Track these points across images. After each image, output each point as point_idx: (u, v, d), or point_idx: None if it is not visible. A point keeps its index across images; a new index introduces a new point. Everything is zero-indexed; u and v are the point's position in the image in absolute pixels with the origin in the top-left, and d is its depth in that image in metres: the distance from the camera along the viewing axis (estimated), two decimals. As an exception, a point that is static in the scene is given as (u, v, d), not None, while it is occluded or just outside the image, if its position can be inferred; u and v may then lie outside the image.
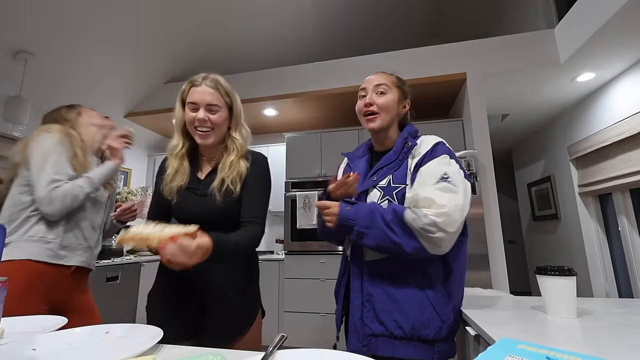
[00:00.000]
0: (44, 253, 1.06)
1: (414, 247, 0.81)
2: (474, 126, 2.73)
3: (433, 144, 0.93)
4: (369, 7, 4.00)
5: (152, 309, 1.04)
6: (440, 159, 0.89)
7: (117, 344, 0.63)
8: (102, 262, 2.58)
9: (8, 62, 2.46)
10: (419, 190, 0.85)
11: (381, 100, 0.99)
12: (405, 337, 0.85)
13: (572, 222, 3.49)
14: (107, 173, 1.22)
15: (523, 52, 2.70)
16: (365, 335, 0.90)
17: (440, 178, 0.84)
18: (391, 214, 0.84)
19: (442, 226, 0.78)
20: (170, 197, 1.01)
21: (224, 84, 1.03)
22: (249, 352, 0.55)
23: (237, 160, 1.02)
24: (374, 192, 0.96)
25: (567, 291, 0.78)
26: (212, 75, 1.03)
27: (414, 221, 0.80)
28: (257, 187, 1.03)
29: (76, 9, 2.35)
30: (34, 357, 0.55)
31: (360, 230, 0.86)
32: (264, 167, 1.08)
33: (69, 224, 1.14)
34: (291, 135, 3.34)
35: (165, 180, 1.02)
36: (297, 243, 2.96)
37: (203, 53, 3.42)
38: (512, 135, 4.35)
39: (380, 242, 0.84)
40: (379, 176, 0.97)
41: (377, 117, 0.99)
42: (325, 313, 2.74)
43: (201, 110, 0.98)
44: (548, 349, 0.38)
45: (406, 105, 1.04)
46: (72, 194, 1.09)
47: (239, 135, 1.05)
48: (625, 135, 2.61)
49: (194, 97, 0.99)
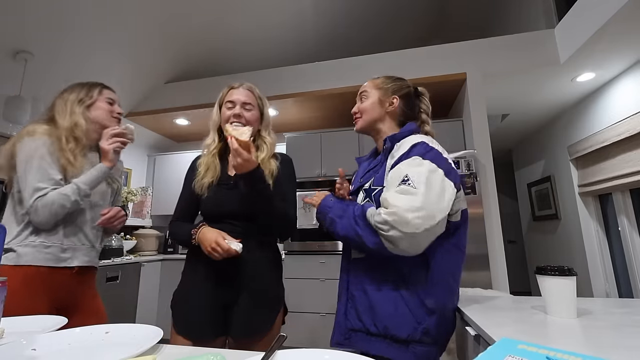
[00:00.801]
0: (45, 257, 1.04)
1: (374, 241, 0.84)
2: (474, 126, 2.73)
3: (411, 145, 0.91)
4: (368, 7, 4.00)
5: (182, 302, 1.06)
6: (410, 161, 0.88)
7: (117, 344, 0.62)
8: (102, 262, 2.58)
9: (8, 62, 2.46)
10: (384, 192, 0.89)
11: (362, 105, 1.08)
12: (379, 335, 0.88)
13: (572, 222, 3.49)
14: (96, 178, 1.12)
15: (523, 52, 2.70)
16: (346, 329, 0.95)
17: (401, 180, 0.84)
18: (360, 210, 0.90)
19: (394, 224, 0.79)
20: (201, 192, 1.09)
21: (257, 89, 1.19)
22: (249, 352, 0.55)
23: (267, 159, 1.11)
24: (360, 194, 1.01)
25: (567, 291, 0.78)
26: (248, 82, 1.19)
27: (371, 217, 0.85)
28: (288, 185, 1.14)
29: (76, 9, 2.35)
30: (34, 357, 0.55)
31: (333, 217, 0.94)
32: (292, 167, 1.20)
33: (69, 226, 1.10)
34: (291, 135, 3.34)
35: (198, 177, 1.10)
36: (297, 243, 2.96)
37: (203, 53, 3.42)
38: (512, 135, 4.35)
39: (347, 232, 0.90)
40: (365, 179, 1.02)
41: (357, 120, 1.09)
42: (325, 313, 2.74)
43: (237, 106, 1.11)
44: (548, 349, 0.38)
45: (393, 101, 1.05)
46: (58, 203, 1.03)
47: (269, 135, 1.17)
48: (625, 135, 2.61)
49: (232, 97, 1.12)
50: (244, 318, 1.00)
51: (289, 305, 1.18)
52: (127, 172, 3.85)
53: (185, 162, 4.47)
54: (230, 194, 1.06)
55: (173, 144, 4.33)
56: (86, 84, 1.23)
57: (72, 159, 1.10)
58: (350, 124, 1.31)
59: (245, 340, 1.01)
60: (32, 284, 1.00)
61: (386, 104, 1.05)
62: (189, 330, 1.00)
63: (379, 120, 1.06)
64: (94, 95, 1.21)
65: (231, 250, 0.95)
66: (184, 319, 1.03)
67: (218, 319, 1.02)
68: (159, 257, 3.27)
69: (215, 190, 1.08)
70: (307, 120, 3.68)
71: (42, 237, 1.05)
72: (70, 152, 1.10)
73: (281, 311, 1.10)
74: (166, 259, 3.30)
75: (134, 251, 3.35)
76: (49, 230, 1.06)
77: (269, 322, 1.04)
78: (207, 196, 1.07)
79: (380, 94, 1.06)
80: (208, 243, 0.96)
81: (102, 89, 1.24)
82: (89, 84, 1.23)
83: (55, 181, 1.05)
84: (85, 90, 1.21)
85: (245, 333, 1.00)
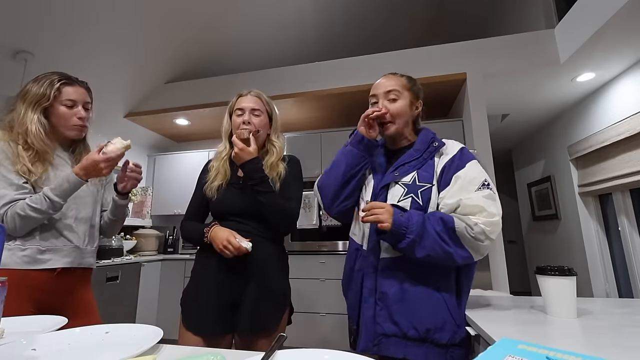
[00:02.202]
0: (21, 260, 0.99)
1: (463, 256, 0.80)
2: (474, 126, 2.73)
3: (460, 148, 0.93)
4: (368, 7, 4.00)
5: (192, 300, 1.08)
6: (475, 164, 0.89)
7: (117, 344, 0.62)
8: (102, 262, 2.58)
9: (8, 62, 2.46)
10: (462, 196, 0.84)
11: (394, 107, 0.99)
12: (418, 339, 0.83)
13: (572, 222, 3.49)
14: (68, 189, 1.01)
15: (523, 52, 2.70)
16: (376, 334, 0.88)
17: (482, 185, 0.83)
18: (440, 224, 0.82)
19: (489, 234, 0.79)
20: (211, 195, 1.13)
21: (265, 95, 1.23)
22: (249, 352, 0.55)
23: (276, 162, 1.16)
24: (396, 187, 0.94)
25: (567, 291, 0.78)
26: (256, 89, 1.23)
27: (466, 230, 0.79)
28: (294, 183, 1.18)
29: (76, 9, 2.34)
30: (34, 357, 0.55)
31: (414, 239, 0.82)
32: (299, 167, 1.24)
33: (46, 228, 1.04)
34: (291, 135, 3.34)
35: (208, 181, 1.15)
36: (297, 243, 2.96)
37: (203, 53, 3.42)
38: (512, 135, 4.35)
39: (432, 252, 0.81)
40: (401, 172, 0.95)
41: (391, 125, 1.00)
42: (325, 313, 2.74)
43: (247, 113, 1.15)
44: (548, 349, 0.38)
45: (418, 106, 1.05)
46: (25, 215, 0.97)
47: (278, 139, 1.22)
48: (625, 135, 2.60)
49: (241, 105, 1.17)
50: (251, 316, 1.02)
51: (289, 305, 1.18)
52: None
53: (185, 162, 4.45)
54: (239, 194, 1.11)
55: (173, 144, 4.33)
56: (43, 80, 1.07)
57: (29, 165, 1.02)
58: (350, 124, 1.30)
59: (252, 338, 1.02)
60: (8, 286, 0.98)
61: (414, 108, 1.04)
62: (200, 328, 1.03)
63: (407, 124, 1.03)
64: (50, 96, 1.06)
65: (242, 248, 0.98)
66: (194, 317, 1.05)
67: (226, 317, 1.04)
68: (159, 257, 3.27)
69: (224, 192, 1.12)
70: (307, 120, 3.68)
71: (19, 241, 1.00)
72: (27, 158, 1.02)
73: (287, 311, 1.11)
74: (166, 259, 3.29)
75: (133, 251, 3.35)
76: (24, 235, 1.01)
77: (276, 321, 1.05)
78: (217, 198, 1.12)
79: (412, 97, 1.03)
80: (220, 241, 1.00)
81: (61, 86, 1.08)
82: (46, 80, 1.07)
83: (17, 186, 1.00)
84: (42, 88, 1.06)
85: (253, 330, 1.02)
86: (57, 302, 1.05)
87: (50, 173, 1.06)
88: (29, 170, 1.01)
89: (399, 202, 0.91)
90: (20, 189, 1.00)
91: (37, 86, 1.06)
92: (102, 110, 3.23)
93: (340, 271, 1.09)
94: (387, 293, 0.88)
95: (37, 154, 1.04)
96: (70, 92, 1.09)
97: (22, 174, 1.01)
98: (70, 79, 1.12)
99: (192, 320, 1.04)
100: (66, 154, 1.15)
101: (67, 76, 1.12)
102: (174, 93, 3.45)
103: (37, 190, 1.03)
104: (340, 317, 2.70)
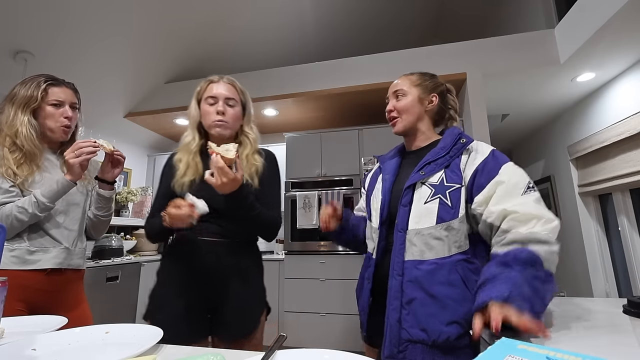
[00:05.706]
0: (9, 260, 0.99)
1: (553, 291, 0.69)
2: (474, 126, 2.73)
3: (491, 150, 0.90)
4: (368, 7, 4.00)
5: (160, 306, 1.02)
6: (513, 167, 0.85)
7: (117, 344, 0.62)
8: (102, 262, 2.59)
9: (8, 62, 2.46)
10: (509, 202, 0.78)
11: (400, 103, 1.02)
12: (448, 346, 0.78)
13: (572, 222, 3.49)
14: (57, 192, 1.01)
15: (523, 52, 2.70)
16: (402, 340, 0.83)
17: (527, 187, 0.79)
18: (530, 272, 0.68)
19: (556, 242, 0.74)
20: (181, 191, 1.01)
21: (239, 83, 1.13)
22: (249, 352, 0.55)
23: (252, 154, 1.07)
24: (423, 188, 0.89)
25: None
26: (228, 75, 1.12)
27: (551, 255, 0.72)
28: (274, 187, 1.11)
29: (76, 9, 2.34)
30: (34, 357, 0.55)
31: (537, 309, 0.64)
32: (277, 165, 1.15)
33: (36, 228, 1.04)
34: (291, 135, 3.34)
35: (177, 176, 1.04)
36: (297, 243, 2.96)
37: (203, 53, 3.42)
38: (512, 135, 4.35)
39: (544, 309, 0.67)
40: (427, 171, 0.90)
41: (397, 121, 1.03)
42: (325, 313, 2.74)
43: (220, 102, 1.05)
44: (548, 349, 0.38)
45: (433, 99, 1.03)
46: (14, 217, 0.97)
47: (252, 131, 1.13)
48: (625, 135, 2.60)
49: (213, 92, 1.06)
50: (230, 320, 0.98)
51: (290, 305, 1.18)
52: (127, 172, 3.85)
53: (185, 162, 4.37)
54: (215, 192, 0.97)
55: (173, 144, 4.33)
56: (30, 82, 1.09)
57: (14, 168, 1.01)
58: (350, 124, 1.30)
59: (232, 342, 0.98)
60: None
61: (426, 102, 1.02)
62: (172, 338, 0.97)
63: (419, 120, 1.02)
64: (37, 98, 1.07)
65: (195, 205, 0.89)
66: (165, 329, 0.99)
67: (201, 324, 0.99)
68: (158, 257, 3.25)
69: (197, 189, 1.00)
70: (307, 120, 3.68)
71: (6, 242, 1.00)
72: (12, 160, 1.02)
73: (264, 311, 1.07)
74: (166, 259, 3.28)
75: (133, 251, 3.35)
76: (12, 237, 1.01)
77: (254, 324, 1.02)
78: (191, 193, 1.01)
79: (420, 92, 1.02)
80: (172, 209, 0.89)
81: (47, 87, 1.09)
82: (33, 82, 1.09)
83: (3, 190, 1.00)
84: (29, 90, 1.07)
85: (233, 335, 0.98)
86: (49, 302, 1.06)
87: (36, 176, 1.06)
88: (14, 173, 1.02)
89: (426, 203, 0.87)
90: (6, 192, 1.01)
91: (24, 88, 1.08)
92: (102, 110, 3.24)
93: (340, 271, 1.09)
94: (415, 297, 0.84)
95: (25, 156, 1.05)
96: (56, 92, 1.11)
97: (7, 177, 1.01)
98: (57, 80, 1.14)
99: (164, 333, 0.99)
100: (55, 156, 1.15)
101: (54, 77, 1.13)
102: (174, 93, 3.45)
103: (25, 193, 1.03)
104: (341, 317, 2.70)
